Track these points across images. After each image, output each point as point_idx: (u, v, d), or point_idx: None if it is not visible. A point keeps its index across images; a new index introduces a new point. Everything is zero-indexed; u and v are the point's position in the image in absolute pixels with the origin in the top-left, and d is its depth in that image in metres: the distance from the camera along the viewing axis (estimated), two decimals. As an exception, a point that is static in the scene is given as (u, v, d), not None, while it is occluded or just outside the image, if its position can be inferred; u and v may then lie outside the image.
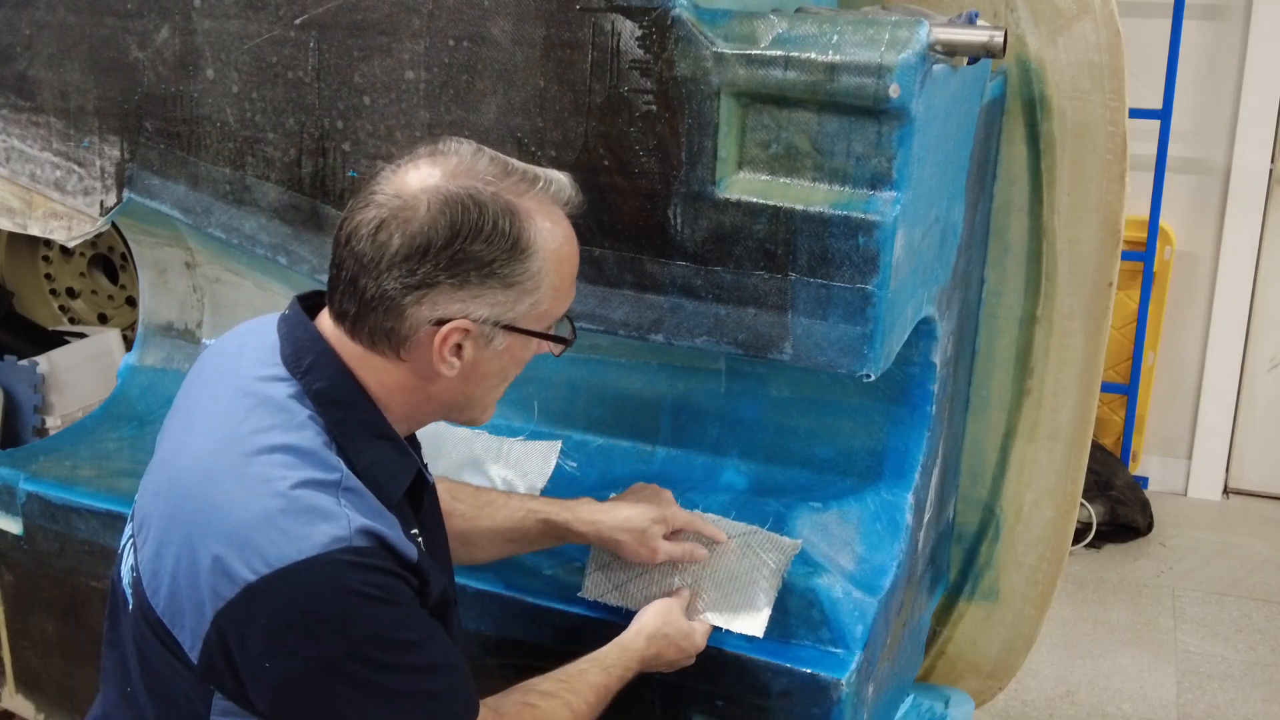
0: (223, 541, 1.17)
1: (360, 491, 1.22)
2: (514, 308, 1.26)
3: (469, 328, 1.24)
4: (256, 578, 1.15)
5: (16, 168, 2.01)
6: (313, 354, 1.27)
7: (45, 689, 2.15)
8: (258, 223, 1.82)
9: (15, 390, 3.19)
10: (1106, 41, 1.86)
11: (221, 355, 1.36)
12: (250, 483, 1.19)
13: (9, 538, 2.04)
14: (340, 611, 1.15)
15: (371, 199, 1.23)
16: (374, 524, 1.20)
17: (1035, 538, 2.12)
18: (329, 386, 1.26)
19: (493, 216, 1.22)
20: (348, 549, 1.16)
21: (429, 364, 1.26)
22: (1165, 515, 3.78)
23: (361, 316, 1.25)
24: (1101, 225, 1.95)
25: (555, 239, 1.27)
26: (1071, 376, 2.04)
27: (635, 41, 1.49)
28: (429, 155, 1.26)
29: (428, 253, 1.21)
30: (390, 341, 1.25)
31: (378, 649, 1.17)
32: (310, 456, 1.21)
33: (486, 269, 1.23)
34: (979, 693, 2.25)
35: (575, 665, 1.45)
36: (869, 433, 1.74)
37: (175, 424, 1.35)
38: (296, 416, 1.24)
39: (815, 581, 1.59)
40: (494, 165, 1.26)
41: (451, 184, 1.22)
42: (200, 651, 1.20)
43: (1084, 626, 3.22)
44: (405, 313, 1.23)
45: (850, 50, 1.40)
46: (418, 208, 1.21)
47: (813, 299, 1.48)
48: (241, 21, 1.73)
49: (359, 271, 1.23)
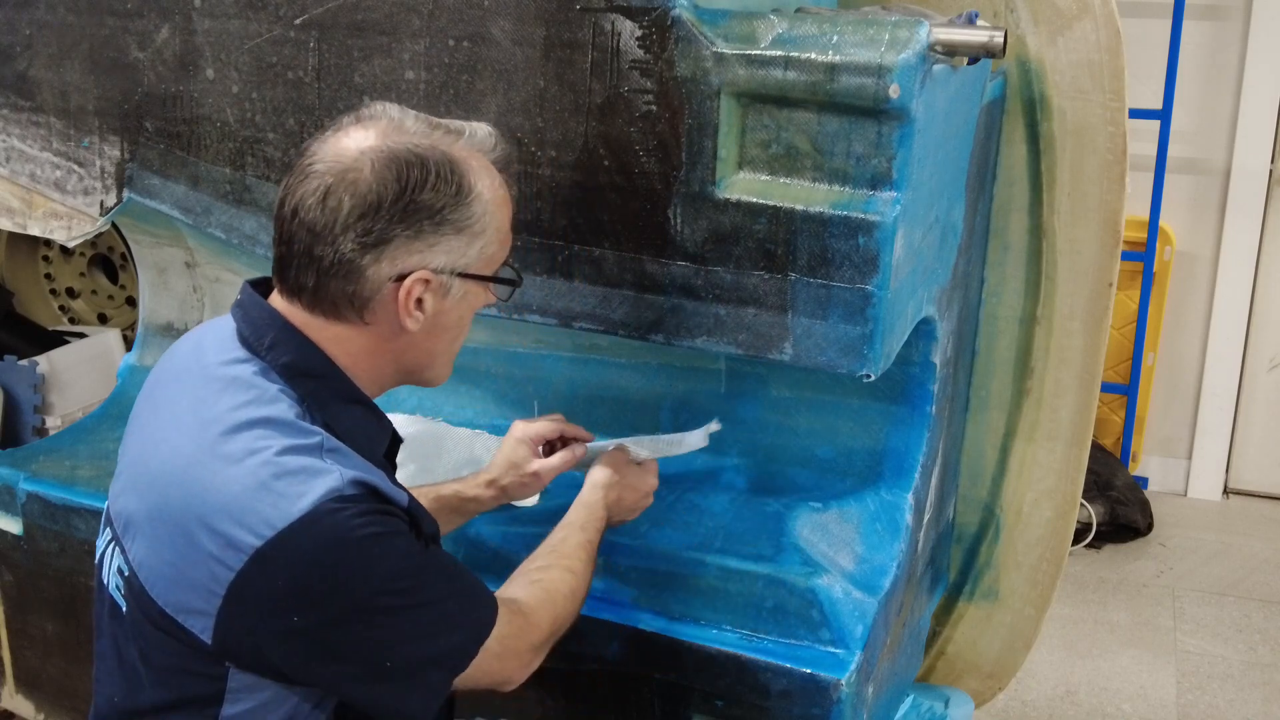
0: (221, 517, 1.19)
1: (344, 450, 1.25)
2: (466, 253, 1.30)
3: (429, 278, 1.28)
4: (263, 542, 1.17)
5: (16, 168, 2.01)
6: (273, 330, 1.29)
7: (45, 689, 2.15)
8: (258, 223, 1.82)
9: (15, 390, 3.19)
10: (1106, 41, 1.86)
11: (178, 355, 1.38)
12: (236, 457, 1.21)
13: (9, 538, 2.04)
14: (354, 556, 1.18)
15: (310, 170, 1.26)
16: (364, 475, 1.22)
17: (1035, 538, 2.12)
18: (295, 359, 1.28)
19: (435, 166, 1.27)
20: (343, 498, 1.19)
21: (393, 322, 1.29)
22: (1165, 515, 3.78)
23: (322, 286, 1.27)
24: (1101, 225, 1.95)
25: (493, 182, 1.33)
26: (1071, 376, 2.04)
27: (635, 41, 1.49)
28: (357, 121, 1.30)
29: (380, 208, 1.24)
30: (354, 305, 1.28)
31: (398, 578, 1.21)
32: (288, 426, 1.24)
33: (438, 216, 1.27)
34: (979, 693, 2.25)
35: (553, 536, 1.52)
36: (869, 433, 1.74)
37: (140, 425, 1.36)
38: (267, 391, 1.26)
39: (815, 581, 1.59)
40: (420, 122, 1.31)
41: (389, 141, 1.26)
42: (214, 630, 1.21)
43: (1084, 626, 3.22)
44: (366, 273, 1.26)
45: (850, 50, 1.40)
46: (362, 168, 1.24)
47: (813, 299, 1.48)
48: (241, 21, 1.73)
49: (312, 241, 1.25)
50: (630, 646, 1.62)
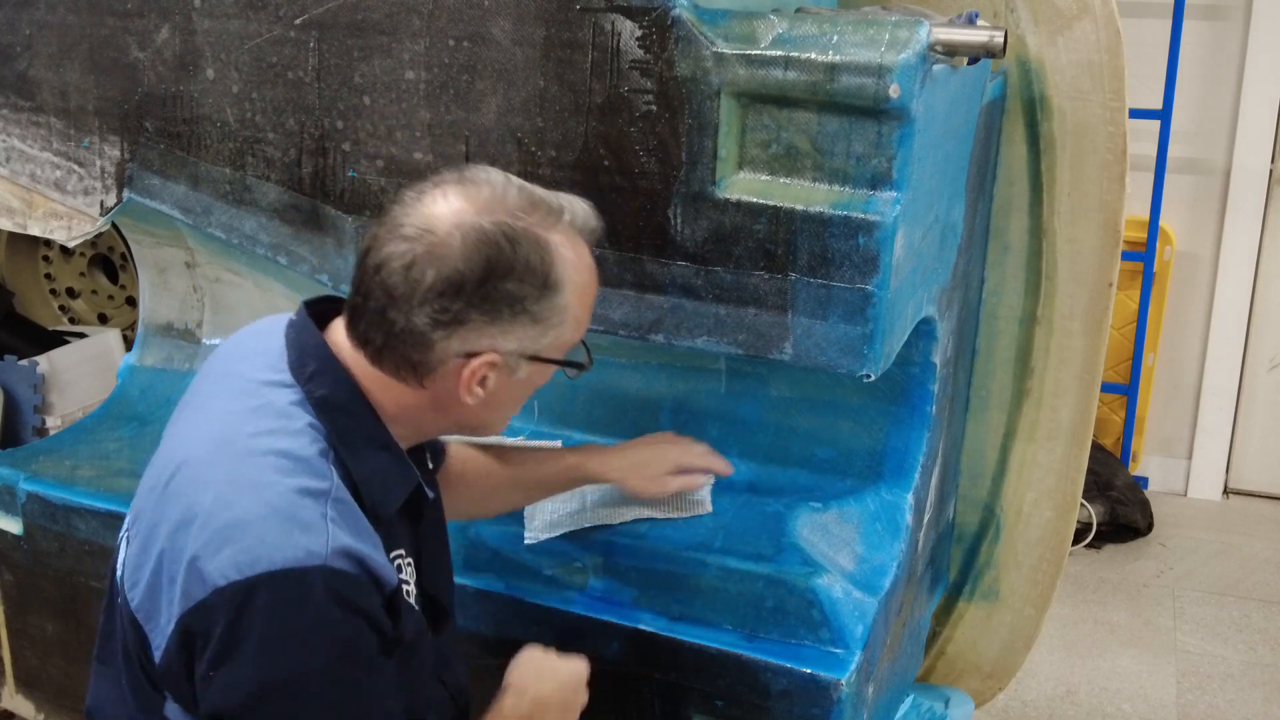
0: (202, 542, 1.16)
1: (348, 504, 1.21)
2: (540, 340, 1.27)
3: (496, 361, 1.25)
4: (225, 583, 1.14)
5: (16, 168, 2.01)
6: (316, 361, 1.27)
7: (45, 689, 2.15)
8: (258, 223, 1.82)
9: (15, 390, 3.19)
10: (1106, 41, 1.86)
11: (228, 357, 1.37)
12: (239, 485, 1.19)
13: (9, 538, 2.04)
14: (294, 635, 1.14)
15: (400, 230, 1.22)
16: (355, 544, 1.18)
17: (1035, 538, 2.12)
18: (332, 393, 1.26)
19: (524, 254, 1.22)
20: (321, 569, 1.15)
21: (451, 393, 1.27)
22: (1165, 515, 3.78)
23: (388, 348, 1.25)
24: (1101, 225, 1.95)
25: (580, 273, 1.28)
26: (1071, 376, 2.04)
27: (635, 41, 1.49)
28: (458, 183, 1.25)
29: (462, 290, 1.21)
30: (415, 372, 1.26)
31: (319, 682, 1.15)
32: (304, 463, 1.21)
33: (518, 305, 1.23)
34: (979, 693, 2.25)
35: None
36: (869, 433, 1.74)
37: (180, 420, 1.35)
38: (295, 422, 1.24)
39: (815, 581, 1.59)
40: (522, 197, 1.25)
41: (484, 219, 1.22)
42: (162, 652, 1.19)
43: (1084, 626, 3.22)
44: (434, 347, 1.23)
45: (850, 50, 1.40)
46: (451, 244, 1.20)
47: (813, 299, 1.48)
48: (241, 21, 1.73)
49: (388, 304, 1.22)
50: (630, 646, 1.62)
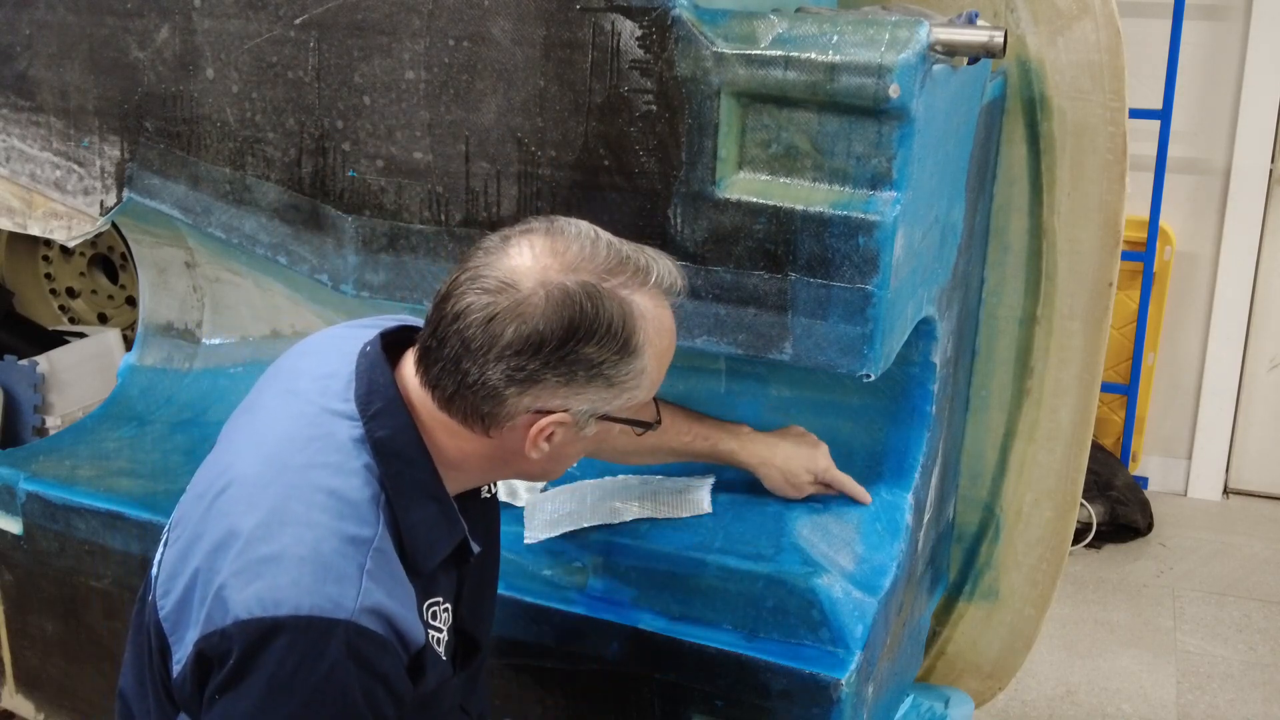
0: (236, 569, 1.16)
1: (388, 556, 1.21)
2: (612, 401, 1.26)
3: (566, 420, 1.25)
4: (249, 616, 1.13)
5: (16, 167, 2.01)
6: (382, 400, 1.26)
7: (45, 689, 2.15)
8: (258, 223, 1.82)
9: (15, 390, 3.19)
10: (1106, 41, 1.86)
11: (295, 373, 1.34)
12: (284, 519, 1.18)
13: (9, 538, 2.04)
14: (304, 684, 1.13)
15: (482, 280, 1.21)
16: (386, 601, 1.18)
17: (1035, 538, 2.12)
18: (390, 437, 1.25)
19: (606, 319, 1.21)
20: (346, 624, 1.14)
21: (517, 445, 1.27)
22: (1165, 515, 3.78)
23: (459, 396, 1.24)
24: (1101, 225, 1.95)
25: (662, 336, 1.27)
26: (1071, 376, 2.04)
27: (635, 41, 1.49)
28: (545, 234, 1.24)
29: (540, 350, 1.20)
30: (483, 423, 1.25)
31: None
32: (352, 507, 1.20)
33: (595, 369, 1.22)
34: (979, 693, 2.25)
35: None
36: (869, 432, 1.74)
37: (238, 425, 1.34)
38: (352, 461, 1.23)
39: (815, 581, 1.59)
40: (611, 255, 1.23)
41: (569, 278, 1.20)
42: (180, 668, 1.19)
43: (1084, 626, 3.22)
44: (506, 402, 1.23)
45: (850, 50, 1.40)
46: (534, 301, 1.19)
47: (813, 299, 1.48)
48: (241, 21, 1.73)
49: (464, 354, 1.21)
50: (630, 646, 1.62)
